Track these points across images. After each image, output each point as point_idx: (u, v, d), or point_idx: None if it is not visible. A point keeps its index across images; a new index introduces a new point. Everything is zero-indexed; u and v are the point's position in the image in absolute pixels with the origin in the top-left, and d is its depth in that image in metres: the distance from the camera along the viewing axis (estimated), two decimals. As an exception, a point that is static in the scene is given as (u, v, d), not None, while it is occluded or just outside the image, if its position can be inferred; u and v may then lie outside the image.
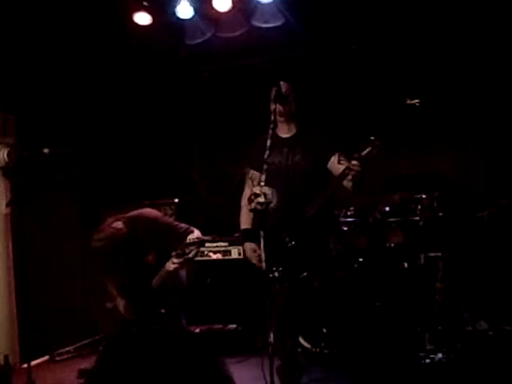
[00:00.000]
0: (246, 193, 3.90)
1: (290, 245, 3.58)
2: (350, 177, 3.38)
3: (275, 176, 3.64)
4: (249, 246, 3.80)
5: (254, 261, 3.72)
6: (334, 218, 4.11)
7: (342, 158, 3.42)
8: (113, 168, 6.06)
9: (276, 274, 3.56)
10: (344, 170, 3.39)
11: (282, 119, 3.76)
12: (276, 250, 3.56)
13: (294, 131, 3.82)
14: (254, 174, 3.86)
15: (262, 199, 3.37)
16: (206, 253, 5.59)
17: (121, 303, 4.05)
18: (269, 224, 3.47)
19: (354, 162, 3.32)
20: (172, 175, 6.29)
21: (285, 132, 3.82)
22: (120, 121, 5.81)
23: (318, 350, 4.40)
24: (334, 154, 3.61)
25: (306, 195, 3.62)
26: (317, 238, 3.64)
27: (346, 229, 4.94)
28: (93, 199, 5.78)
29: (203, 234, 5.80)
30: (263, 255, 3.36)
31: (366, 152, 3.28)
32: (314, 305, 3.78)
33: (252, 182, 3.82)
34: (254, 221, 3.67)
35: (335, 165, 3.57)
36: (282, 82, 3.72)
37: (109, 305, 4.12)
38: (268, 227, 3.47)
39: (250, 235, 3.81)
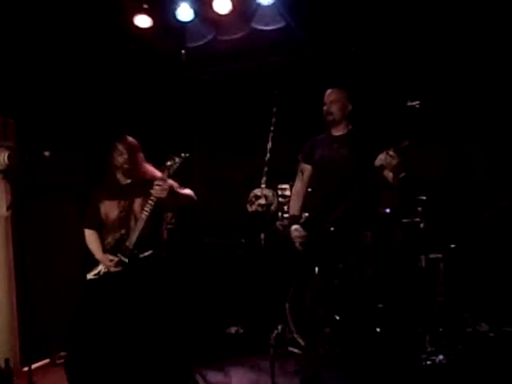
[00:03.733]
0: (297, 183, 4.31)
1: (330, 231, 3.82)
2: (389, 168, 3.65)
3: (323, 168, 4.05)
4: (294, 227, 4.08)
5: (297, 242, 4.01)
6: (374, 215, 4.29)
7: (390, 153, 3.66)
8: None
9: (315, 262, 3.83)
10: (384, 161, 3.64)
11: (331, 124, 4.08)
12: (316, 237, 3.86)
13: (346, 130, 4.12)
14: (304, 166, 4.24)
15: (262, 201, 3.44)
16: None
17: (109, 261, 4.02)
18: (312, 212, 3.94)
19: (391, 153, 3.59)
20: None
21: (337, 131, 4.13)
22: (121, 123, 5.80)
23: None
24: (381, 152, 3.78)
25: (349, 187, 3.85)
26: (354, 232, 3.88)
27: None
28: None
29: (203, 236, 5.85)
30: (264, 257, 3.42)
31: (404, 144, 3.56)
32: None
33: (302, 174, 4.20)
34: (255, 222, 3.73)
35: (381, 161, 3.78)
36: (326, 92, 4.10)
37: (89, 275, 4.10)
38: (311, 216, 3.94)
39: (297, 221, 4.14)
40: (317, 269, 3.84)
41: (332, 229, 3.79)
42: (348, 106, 4.14)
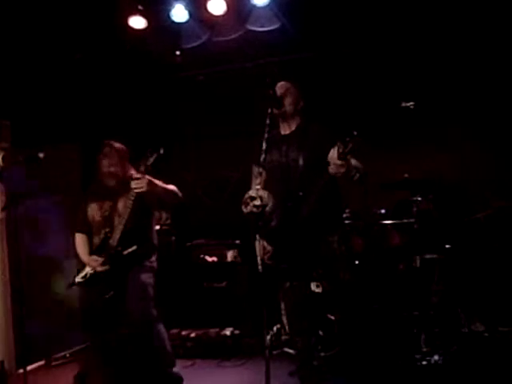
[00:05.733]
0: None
1: (292, 243, 3.57)
2: (339, 174, 3.35)
3: (274, 174, 3.72)
4: (259, 243, 3.71)
5: (264, 258, 3.67)
6: (338, 218, 4.05)
7: (340, 151, 3.33)
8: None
9: (283, 272, 3.60)
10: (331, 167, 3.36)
11: (280, 119, 3.79)
12: (281, 248, 3.60)
13: (293, 128, 3.81)
14: (258, 170, 3.85)
15: (257, 202, 3.39)
16: (201, 256, 5.60)
17: (94, 262, 4.04)
18: (271, 223, 3.59)
19: (338, 162, 3.29)
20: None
21: (285, 129, 3.84)
22: (116, 124, 5.80)
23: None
24: (332, 147, 3.44)
25: (304, 191, 3.59)
26: (319, 238, 3.62)
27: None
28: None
29: (199, 236, 5.85)
30: (259, 258, 3.40)
31: (348, 148, 3.24)
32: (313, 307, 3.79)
33: (256, 179, 3.81)
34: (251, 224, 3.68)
35: (334, 158, 3.44)
36: (279, 84, 3.76)
37: (78, 279, 4.11)
38: (271, 226, 3.60)
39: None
40: (288, 283, 3.68)
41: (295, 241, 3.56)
42: (300, 101, 3.83)
